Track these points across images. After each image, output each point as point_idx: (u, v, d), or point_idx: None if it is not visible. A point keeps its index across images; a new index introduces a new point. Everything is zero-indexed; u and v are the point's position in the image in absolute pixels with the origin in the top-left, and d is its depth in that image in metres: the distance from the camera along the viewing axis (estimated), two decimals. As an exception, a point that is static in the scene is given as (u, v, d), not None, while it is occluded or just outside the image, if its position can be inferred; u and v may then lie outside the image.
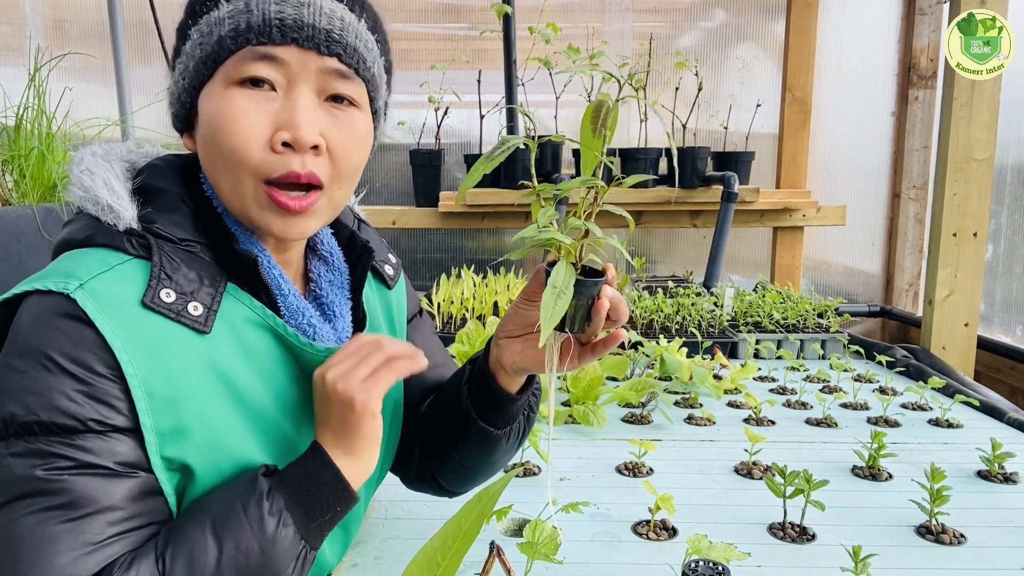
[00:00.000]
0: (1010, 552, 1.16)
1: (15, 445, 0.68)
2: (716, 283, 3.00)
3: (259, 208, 0.79)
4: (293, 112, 0.77)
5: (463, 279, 2.67)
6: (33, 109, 1.75)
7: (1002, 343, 2.77)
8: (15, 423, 0.68)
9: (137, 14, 3.00)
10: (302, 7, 0.77)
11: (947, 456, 1.57)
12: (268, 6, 0.76)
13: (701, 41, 3.47)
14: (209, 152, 0.80)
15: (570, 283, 0.80)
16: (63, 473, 0.68)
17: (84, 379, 0.70)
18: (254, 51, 0.76)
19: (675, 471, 1.48)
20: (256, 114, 0.77)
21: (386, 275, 1.04)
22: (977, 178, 2.54)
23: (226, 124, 0.76)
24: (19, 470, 0.68)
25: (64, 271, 0.73)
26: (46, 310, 0.71)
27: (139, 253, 0.76)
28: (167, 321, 0.74)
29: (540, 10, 3.13)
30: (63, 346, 0.70)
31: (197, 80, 0.80)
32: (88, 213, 0.79)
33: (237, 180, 0.78)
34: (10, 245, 1.58)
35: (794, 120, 3.35)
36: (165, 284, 0.75)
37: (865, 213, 3.46)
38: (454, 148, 3.43)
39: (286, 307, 0.85)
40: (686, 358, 2.03)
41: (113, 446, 0.71)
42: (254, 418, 0.79)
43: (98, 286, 0.72)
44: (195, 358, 0.75)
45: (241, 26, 0.76)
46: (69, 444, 0.69)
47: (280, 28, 0.76)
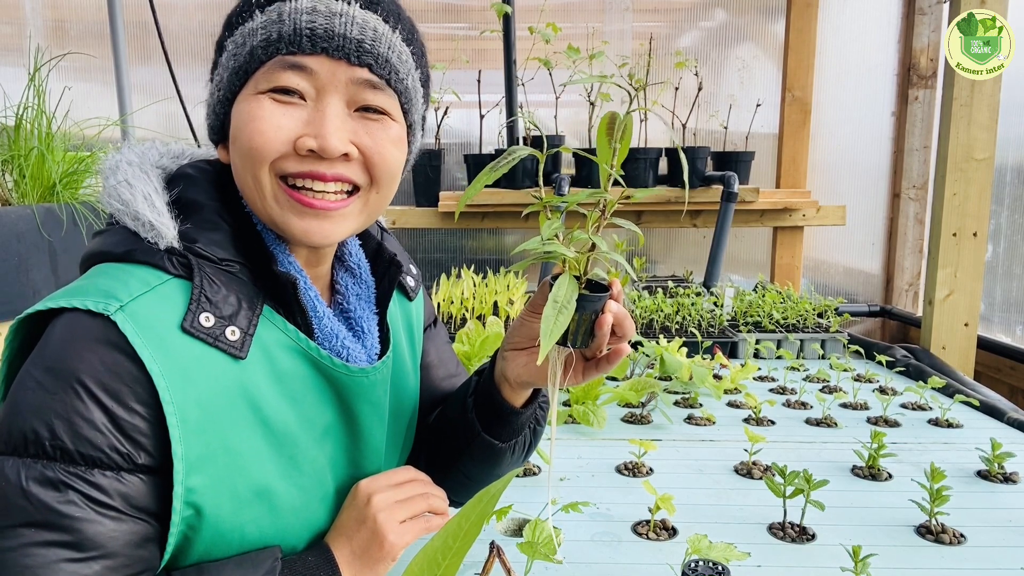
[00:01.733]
0: (1010, 552, 1.16)
1: (33, 468, 0.67)
2: (716, 283, 3.00)
3: (279, 208, 0.78)
4: (321, 121, 0.76)
5: (463, 279, 2.67)
6: (33, 109, 1.75)
7: (1002, 343, 2.77)
8: (39, 443, 0.67)
9: (137, 14, 3.00)
10: (333, 17, 0.76)
11: (947, 456, 1.57)
12: (300, 16, 0.76)
13: (701, 41, 3.47)
14: (234, 156, 0.79)
15: (572, 298, 0.79)
16: (77, 510, 0.67)
17: (114, 412, 0.69)
18: (284, 60, 0.76)
19: (675, 471, 1.48)
20: (282, 117, 0.76)
21: (408, 287, 1.03)
22: (977, 178, 2.54)
23: (249, 124, 0.76)
24: (32, 498, 0.67)
25: (104, 290, 0.72)
26: (84, 332, 0.69)
27: (179, 273, 0.75)
28: (204, 346, 0.73)
29: (540, 10, 3.13)
30: (99, 374, 0.68)
31: (230, 91, 0.79)
32: (124, 227, 0.77)
33: (255, 179, 0.77)
34: (10, 245, 1.58)
35: (794, 120, 3.35)
36: (205, 308, 0.74)
37: (865, 213, 3.46)
38: (454, 148, 3.44)
39: (320, 329, 0.83)
40: (686, 358, 2.03)
41: (128, 487, 0.70)
42: (279, 443, 0.79)
43: (139, 309, 0.71)
44: (228, 383, 0.74)
45: (272, 36, 0.76)
46: (86, 479, 0.68)
47: (311, 38, 0.76)
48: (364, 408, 0.86)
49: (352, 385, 0.83)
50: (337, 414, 0.84)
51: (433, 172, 3.19)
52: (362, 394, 0.85)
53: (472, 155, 3.21)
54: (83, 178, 1.85)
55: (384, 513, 0.80)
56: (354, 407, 0.85)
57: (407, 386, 1.00)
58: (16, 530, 0.66)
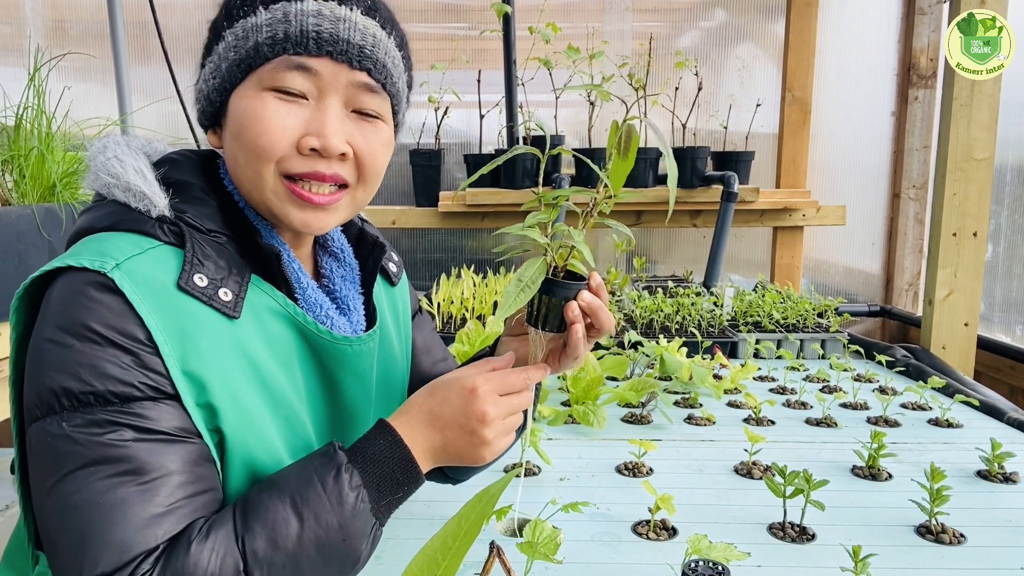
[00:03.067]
0: (1010, 552, 1.16)
1: (74, 418, 0.69)
2: (716, 283, 3.00)
3: (279, 201, 0.83)
4: (323, 121, 0.80)
5: (463, 279, 2.67)
6: (33, 109, 1.75)
7: (1002, 343, 2.77)
8: (71, 396, 0.70)
9: (137, 14, 3.00)
10: (338, 22, 0.80)
11: (947, 456, 1.57)
12: (306, 19, 0.79)
13: (701, 41, 3.47)
14: (234, 148, 0.82)
15: (537, 279, 0.84)
16: (126, 440, 0.70)
17: (131, 349, 0.71)
18: (290, 60, 0.79)
19: (675, 471, 1.48)
20: (287, 117, 0.80)
21: (391, 272, 1.07)
22: (977, 178, 2.54)
23: (256, 123, 0.79)
24: (82, 440, 0.69)
25: (97, 251, 0.74)
26: (84, 285, 0.72)
27: (170, 240, 0.78)
28: (200, 304, 0.76)
29: (540, 10, 3.13)
30: (106, 318, 0.71)
31: (229, 81, 0.82)
32: (113, 200, 0.80)
33: (258, 174, 0.81)
34: (10, 245, 1.58)
35: (794, 120, 3.35)
36: (198, 269, 0.77)
37: (865, 213, 3.46)
38: (454, 148, 3.43)
39: (304, 300, 0.87)
40: (686, 358, 2.03)
41: (167, 412, 0.73)
42: (276, 403, 0.81)
43: (134, 267, 0.74)
44: (226, 340, 0.77)
45: (279, 35, 0.79)
46: (127, 412, 0.70)
47: (316, 40, 0.79)
48: (348, 377, 0.89)
49: (336, 353, 0.87)
50: (320, 382, 0.87)
51: (433, 172, 3.19)
52: (346, 363, 0.88)
53: (472, 155, 3.21)
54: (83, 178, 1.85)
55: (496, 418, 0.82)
56: (337, 375, 0.88)
57: (395, 365, 1.04)
58: (76, 474, 0.68)
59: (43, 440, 0.70)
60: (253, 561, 0.70)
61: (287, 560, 0.72)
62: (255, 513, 0.73)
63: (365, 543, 0.77)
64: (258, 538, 0.71)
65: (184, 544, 0.70)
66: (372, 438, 0.81)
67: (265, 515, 0.73)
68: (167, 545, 0.70)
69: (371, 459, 0.78)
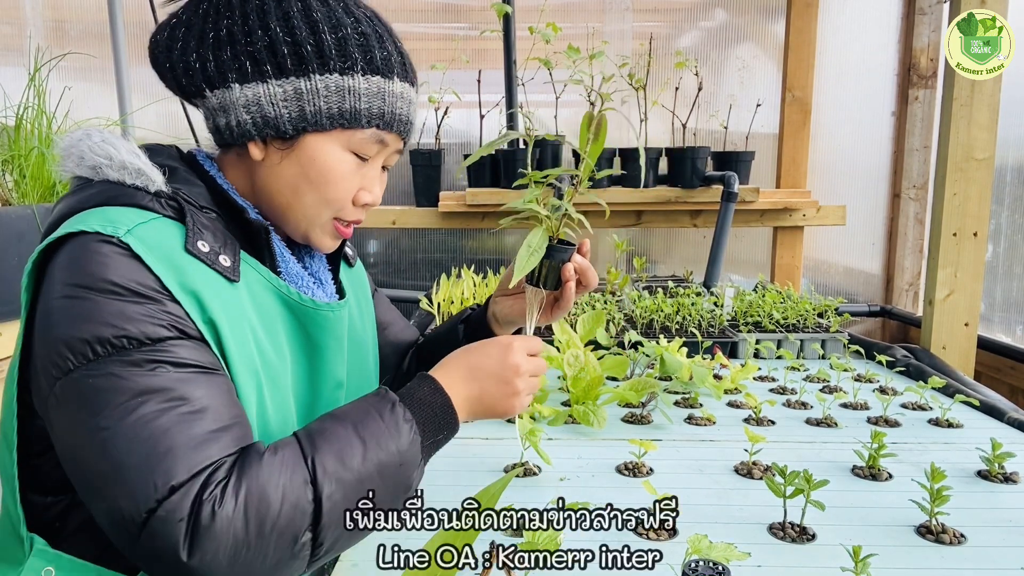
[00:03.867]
0: (1010, 552, 1.16)
1: (111, 362, 0.74)
2: (716, 283, 3.00)
3: (322, 233, 0.97)
4: (374, 181, 0.98)
5: (463, 279, 2.67)
6: (33, 109, 1.75)
7: (1002, 343, 2.77)
8: (105, 343, 0.74)
9: (137, 14, 3.00)
10: (410, 105, 0.97)
11: (947, 456, 1.57)
12: (395, 101, 0.94)
13: (701, 41, 3.47)
14: (299, 184, 0.93)
15: (543, 245, 0.99)
16: (168, 376, 0.75)
17: (153, 297, 0.77)
18: (377, 135, 0.94)
19: (675, 471, 1.48)
20: (353, 178, 0.95)
21: (348, 255, 1.19)
22: (977, 178, 2.54)
23: (339, 181, 0.93)
24: (126, 376, 0.73)
25: (104, 219, 0.79)
26: (97, 245, 0.77)
27: (168, 214, 0.84)
28: (205, 267, 0.82)
29: (540, 10, 3.13)
30: (124, 272, 0.76)
31: (313, 124, 0.91)
32: (103, 180, 0.85)
33: (319, 214, 0.95)
34: (10, 245, 1.59)
35: (794, 120, 3.35)
36: (200, 236, 0.83)
37: (865, 213, 3.46)
38: (454, 148, 3.43)
39: (287, 273, 0.96)
40: (686, 358, 2.03)
41: (196, 349, 0.78)
42: (267, 364, 0.88)
43: (143, 233, 0.79)
44: (231, 300, 0.84)
45: (375, 111, 0.92)
46: (161, 350, 0.75)
47: (399, 123, 0.95)
48: (328, 341, 0.97)
49: (318, 319, 0.95)
50: (303, 348, 0.95)
51: (433, 172, 3.19)
52: (328, 327, 0.97)
53: (472, 155, 3.20)
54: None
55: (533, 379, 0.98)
56: (319, 340, 0.96)
57: (365, 334, 1.15)
58: (126, 405, 0.73)
59: (83, 386, 0.73)
60: (322, 474, 0.76)
61: (353, 477, 0.78)
62: (321, 435, 0.79)
63: (416, 473, 0.84)
64: (326, 455, 0.77)
65: (255, 456, 0.75)
66: (416, 386, 0.90)
67: (331, 437, 0.79)
68: (238, 455, 0.76)
69: (417, 401, 0.87)
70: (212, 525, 0.70)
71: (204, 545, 0.70)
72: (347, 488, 0.77)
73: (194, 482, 0.71)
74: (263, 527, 0.72)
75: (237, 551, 0.71)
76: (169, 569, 0.71)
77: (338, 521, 0.76)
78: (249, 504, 0.72)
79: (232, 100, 0.90)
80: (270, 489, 0.73)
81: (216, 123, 0.94)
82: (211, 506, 0.71)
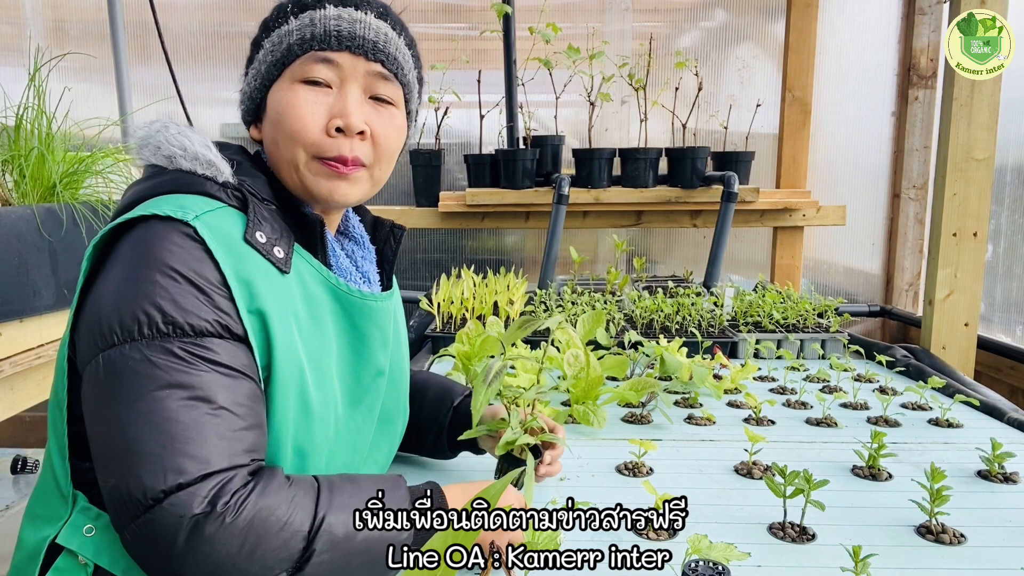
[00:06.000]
0: (1010, 552, 1.16)
1: (153, 345, 0.79)
2: (716, 283, 3.00)
3: (312, 175, 0.97)
4: (345, 104, 0.96)
5: (463, 279, 2.67)
6: (33, 109, 1.75)
7: (1002, 343, 2.77)
8: (153, 325, 0.79)
9: (137, 14, 3.00)
10: (355, 23, 0.96)
11: (947, 456, 1.57)
12: (328, 21, 0.95)
13: (701, 41, 3.48)
14: (274, 134, 0.97)
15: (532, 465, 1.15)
16: (200, 370, 0.79)
17: (207, 290, 0.82)
18: (316, 55, 0.95)
19: (675, 471, 1.48)
20: (315, 104, 0.95)
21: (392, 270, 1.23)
22: (977, 178, 2.54)
23: (291, 111, 0.95)
24: (161, 365, 0.78)
25: (176, 205, 0.85)
26: (167, 230, 0.83)
27: (232, 203, 0.90)
28: (260, 257, 0.88)
29: (540, 10, 3.13)
30: (187, 261, 0.82)
31: (268, 79, 0.98)
32: (176, 169, 0.91)
33: (294, 155, 0.96)
34: (10, 245, 1.58)
35: (794, 120, 3.35)
36: (259, 227, 0.89)
37: (865, 213, 3.46)
38: (454, 148, 3.44)
39: (337, 267, 1.02)
40: (686, 358, 2.03)
41: (233, 350, 0.83)
42: (311, 354, 0.92)
43: (210, 220, 0.85)
44: (280, 289, 0.89)
45: (306, 35, 0.95)
46: (200, 345, 0.80)
47: (337, 37, 0.95)
48: (372, 330, 1.01)
49: (364, 308, 1.00)
50: (349, 338, 0.99)
51: (433, 172, 3.19)
52: (372, 317, 1.01)
53: (472, 155, 3.20)
54: (83, 178, 1.85)
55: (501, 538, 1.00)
56: (363, 328, 1.00)
57: (403, 332, 1.20)
58: (155, 395, 0.77)
59: (121, 364, 0.78)
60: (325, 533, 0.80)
61: (347, 547, 0.81)
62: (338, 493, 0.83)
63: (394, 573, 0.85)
64: (336, 517, 0.81)
65: (277, 483, 0.80)
66: (424, 491, 0.94)
67: (345, 501, 0.83)
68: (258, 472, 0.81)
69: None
70: (217, 533, 0.74)
71: (199, 547, 0.74)
72: (336, 553, 0.81)
73: (204, 484, 0.75)
74: (254, 551, 0.76)
75: (223, 562, 0.75)
76: (156, 556, 0.75)
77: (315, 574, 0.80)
78: (253, 527, 0.76)
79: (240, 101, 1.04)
80: (274, 520, 0.77)
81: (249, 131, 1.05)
82: (222, 515, 0.75)
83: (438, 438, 1.29)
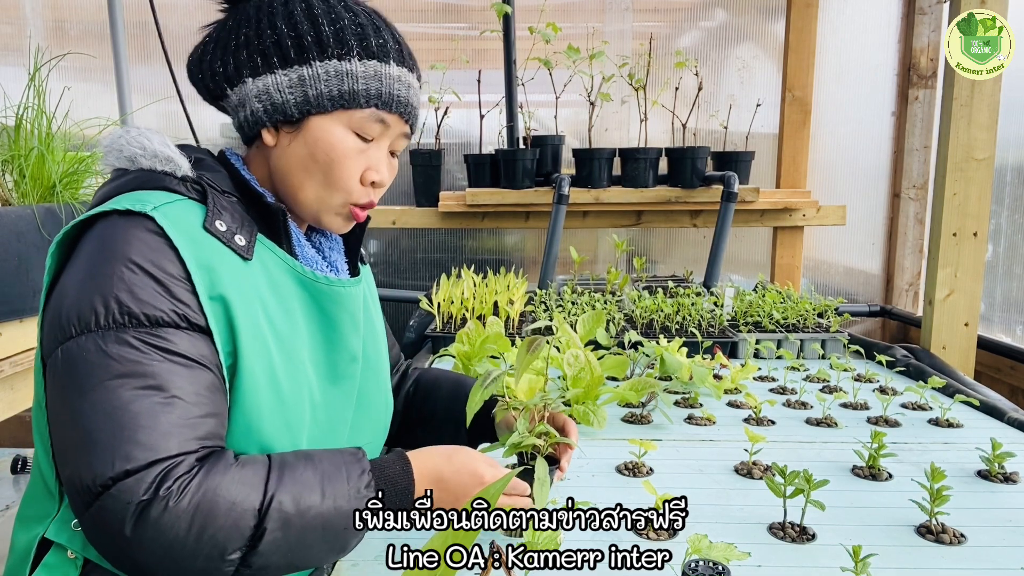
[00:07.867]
0: (1010, 552, 1.16)
1: (108, 335, 0.80)
2: (716, 283, 3.00)
3: (334, 215, 1.03)
4: (380, 160, 1.03)
5: (463, 279, 2.67)
6: (33, 109, 1.75)
7: (1002, 343, 2.77)
8: (108, 316, 0.80)
9: (137, 14, 3.00)
10: (410, 89, 1.03)
11: (947, 456, 1.57)
12: (393, 84, 1.00)
13: (701, 41, 3.48)
14: (309, 164, 1.00)
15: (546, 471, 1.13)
16: (153, 360, 0.81)
17: (164, 281, 0.83)
18: (376, 114, 1.00)
19: (675, 471, 1.48)
20: (362, 158, 1.01)
21: (363, 255, 1.24)
22: (977, 178, 2.54)
23: (344, 160, 0.99)
24: (114, 355, 0.79)
25: (134, 199, 0.88)
26: (127, 224, 0.85)
27: (192, 196, 0.93)
28: (221, 244, 0.90)
29: (540, 10, 3.13)
30: (145, 253, 0.84)
31: (316, 106, 0.98)
32: (138, 168, 0.94)
33: (331, 198, 1.01)
34: (10, 245, 1.58)
35: (794, 120, 3.35)
36: (218, 217, 0.91)
37: (865, 213, 3.46)
38: (454, 148, 3.44)
39: (302, 255, 1.03)
40: (686, 358, 2.03)
41: (190, 340, 0.84)
42: (280, 341, 0.94)
43: (169, 211, 0.88)
44: (242, 277, 0.90)
45: (372, 91, 0.99)
46: (155, 335, 0.82)
47: (397, 103, 1.01)
48: (342, 316, 1.03)
49: (332, 295, 1.01)
50: (317, 323, 1.01)
51: (433, 172, 3.19)
52: (342, 303, 1.03)
53: (472, 155, 3.21)
54: (83, 178, 1.85)
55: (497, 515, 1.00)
56: (333, 314, 1.02)
57: (377, 317, 1.21)
58: (107, 384, 0.79)
59: (77, 355, 0.80)
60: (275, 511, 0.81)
61: (300, 523, 0.82)
62: (291, 473, 0.84)
63: (355, 541, 0.89)
64: (285, 495, 0.82)
65: (223, 465, 0.81)
66: (391, 462, 0.94)
67: (299, 479, 0.84)
68: (205, 456, 0.81)
69: (386, 478, 0.92)
70: (161, 517, 0.76)
71: (147, 532, 0.76)
72: (289, 530, 0.82)
73: (150, 471, 0.77)
74: (203, 533, 0.78)
75: (173, 545, 0.77)
76: (109, 542, 0.78)
77: (270, 553, 0.81)
78: (200, 509, 0.78)
79: (247, 93, 0.99)
80: (221, 501, 0.79)
81: (238, 120, 1.03)
82: (165, 499, 0.76)
83: (456, 432, 1.29)
